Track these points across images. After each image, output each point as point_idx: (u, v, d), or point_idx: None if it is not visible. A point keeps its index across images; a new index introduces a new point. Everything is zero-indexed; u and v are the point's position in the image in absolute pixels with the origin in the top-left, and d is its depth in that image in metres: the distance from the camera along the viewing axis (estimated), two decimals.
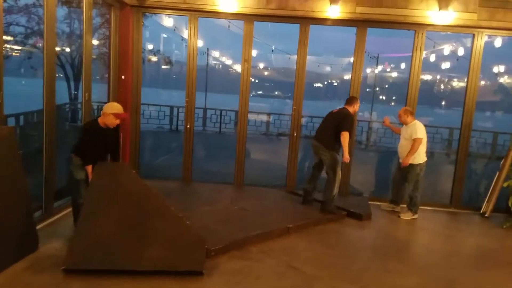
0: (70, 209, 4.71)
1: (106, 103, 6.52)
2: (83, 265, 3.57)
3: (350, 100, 5.81)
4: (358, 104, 5.94)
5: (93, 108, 6.85)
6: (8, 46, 9.72)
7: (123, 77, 6.45)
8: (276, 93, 51.36)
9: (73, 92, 10.43)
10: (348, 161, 5.50)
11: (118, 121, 4.30)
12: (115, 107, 4.29)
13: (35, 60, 9.99)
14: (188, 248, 3.81)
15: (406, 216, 5.95)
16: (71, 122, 9.19)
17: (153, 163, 9.17)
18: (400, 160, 5.95)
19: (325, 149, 5.57)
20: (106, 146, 4.43)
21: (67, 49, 9.88)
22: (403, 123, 5.99)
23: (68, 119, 9.39)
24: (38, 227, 4.27)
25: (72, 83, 10.49)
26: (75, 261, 3.58)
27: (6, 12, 8.68)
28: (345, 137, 5.42)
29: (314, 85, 47.46)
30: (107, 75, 6.43)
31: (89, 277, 3.50)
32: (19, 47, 10.05)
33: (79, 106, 8.20)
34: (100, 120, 4.27)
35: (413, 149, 5.69)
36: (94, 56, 7.24)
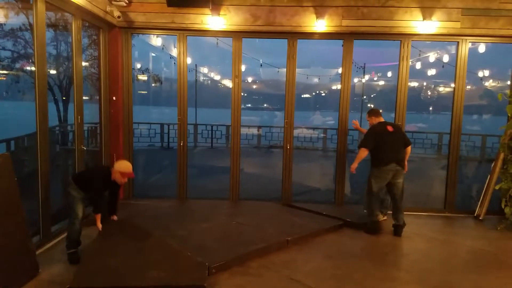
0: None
1: (97, 123, 6.56)
2: (87, 283, 3.66)
3: (378, 112, 5.78)
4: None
5: (84, 129, 6.81)
6: None
7: (114, 98, 6.46)
8: (265, 105, 51.60)
9: (62, 114, 10.36)
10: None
11: (125, 180, 4.45)
12: (123, 166, 4.40)
13: (22, 84, 9.94)
14: (189, 270, 3.94)
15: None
16: (62, 144, 9.11)
17: (146, 182, 9.10)
18: None
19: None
20: (109, 192, 4.66)
21: (54, 71, 9.84)
22: None
23: (59, 142, 9.31)
24: (37, 252, 4.23)
25: (61, 105, 10.43)
26: (80, 281, 3.66)
27: None
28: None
29: (302, 95, 47.81)
30: (97, 97, 6.42)
31: None
32: (6, 72, 9.98)
33: (69, 128, 8.14)
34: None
35: None
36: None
